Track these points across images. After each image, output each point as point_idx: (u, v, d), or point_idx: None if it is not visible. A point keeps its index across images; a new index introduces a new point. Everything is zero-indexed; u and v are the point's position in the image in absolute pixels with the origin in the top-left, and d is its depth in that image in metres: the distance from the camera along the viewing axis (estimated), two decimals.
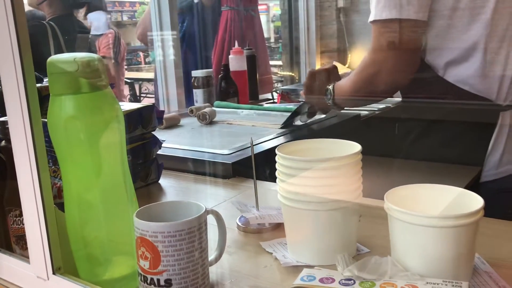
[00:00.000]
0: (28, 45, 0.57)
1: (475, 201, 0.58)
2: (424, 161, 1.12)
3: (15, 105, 0.58)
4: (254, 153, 0.84)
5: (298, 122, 1.39)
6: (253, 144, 0.86)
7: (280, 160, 0.67)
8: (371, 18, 0.98)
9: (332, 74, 1.20)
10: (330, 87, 1.15)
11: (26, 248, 0.67)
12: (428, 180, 0.64)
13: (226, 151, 1.14)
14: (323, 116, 1.39)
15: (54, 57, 0.57)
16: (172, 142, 1.24)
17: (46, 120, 0.59)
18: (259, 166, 0.84)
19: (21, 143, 0.59)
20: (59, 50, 2.03)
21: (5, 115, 0.79)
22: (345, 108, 1.21)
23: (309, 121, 1.39)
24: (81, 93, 0.57)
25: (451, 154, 1.09)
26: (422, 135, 1.13)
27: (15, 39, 0.56)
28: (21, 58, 0.56)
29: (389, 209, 0.58)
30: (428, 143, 1.12)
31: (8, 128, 0.65)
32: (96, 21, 2.19)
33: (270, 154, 1.14)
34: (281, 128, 1.37)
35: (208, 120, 1.51)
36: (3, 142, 0.70)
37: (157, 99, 2.17)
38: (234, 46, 1.98)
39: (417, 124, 1.11)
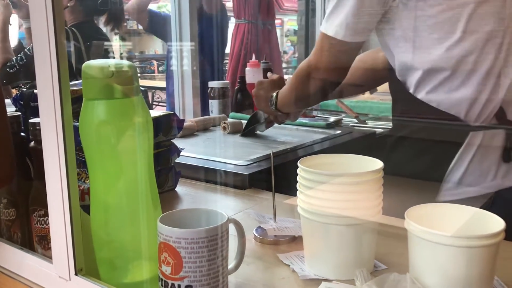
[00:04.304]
0: (65, 50, 0.58)
1: (496, 222, 0.59)
2: (433, 181, 1.11)
3: (49, 108, 0.60)
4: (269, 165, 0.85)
5: (258, 131, 1.51)
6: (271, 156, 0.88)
7: (302, 173, 0.67)
8: (321, 28, 1.04)
9: (278, 83, 1.30)
10: (274, 94, 1.26)
11: (48, 248, 0.68)
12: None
13: (242, 162, 1.15)
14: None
15: (90, 63, 0.59)
16: (188, 151, 1.25)
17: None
18: (275, 178, 0.85)
19: (52, 145, 0.60)
20: (79, 56, 2.06)
21: (29, 116, 0.81)
22: (286, 112, 1.30)
23: (266, 130, 1.49)
24: (114, 99, 0.58)
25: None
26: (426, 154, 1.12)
27: (53, 43, 0.57)
28: (58, 62, 0.58)
29: (410, 227, 0.59)
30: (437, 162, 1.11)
31: (38, 129, 0.67)
32: None
33: (286, 167, 1.16)
34: (241, 136, 1.48)
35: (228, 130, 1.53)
36: (32, 143, 0.71)
37: (172, 108, 2.19)
38: (251, 58, 2.00)
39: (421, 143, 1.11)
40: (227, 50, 2.99)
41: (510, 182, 0.94)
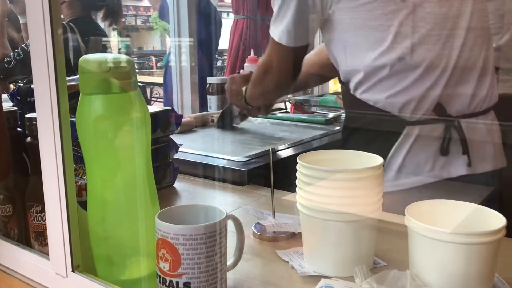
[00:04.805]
0: (62, 44, 0.58)
1: (497, 219, 0.58)
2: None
3: (45, 103, 0.59)
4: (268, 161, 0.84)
5: (234, 124, 1.55)
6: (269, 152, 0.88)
7: (301, 168, 0.67)
8: (270, 31, 1.08)
9: (249, 79, 1.33)
10: (244, 88, 1.32)
11: (45, 245, 0.67)
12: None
13: (241, 158, 1.15)
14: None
15: (87, 57, 0.58)
16: (186, 147, 1.25)
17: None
18: (274, 174, 0.85)
19: (48, 140, 0.60)
20: (77, 51, 2.05)
21: (26, 111, 0.80)
22: (256, 105, 1.34)
23: (241, 123, 1.54)
24: (111, 93, 0.58)
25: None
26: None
27: (49, 38, 0.57)
28: (54, 57, 0.57)
29: (410, 224, 0.58)
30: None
31: (34, 124, 0.66)
32: None
33: (285, 163, 1.15)
34: (216, 128, 1.53)
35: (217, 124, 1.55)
36: (28, 138, 0.71)
37: (169, 104, 2.18)
38: (249, 54, 1.99)
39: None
40: (226, 46, 2.98)
41: (448, 174, 0.97)
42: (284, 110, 2.20)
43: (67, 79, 0.61)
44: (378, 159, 0.67)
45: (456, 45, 0.97)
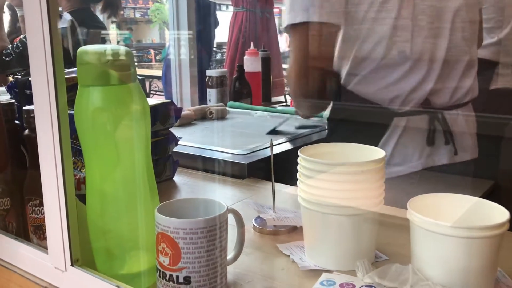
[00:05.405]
0: (59, 36, 0.57)
1: (500, 213, 0.57)
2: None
3: (43, 95, 0.58)
4: (269, 154, 0.84)
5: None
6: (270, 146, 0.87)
7: (302, 162, 0.66)
8: (287, 22, 0.99)
9: None
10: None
11: (44, 238, 0.67)
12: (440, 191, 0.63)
13: (241, 152, 1.14)
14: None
15: (85, 48, 0.57)
16: (185, 140, 1.24)
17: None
18: (275, 168, 0.84)
19: (46, 133, 0.59)
20: (76, 43, 2.03)
21: (24, 103, 0.79)
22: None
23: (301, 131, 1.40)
24: (109, 85, 0.57)
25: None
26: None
27: (47, 31, 0.56)
28: (52, 48, 0.56)
29: (413, 218, 0.58)
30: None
31: (32, 117, 0.65)
32: None
33: (286, 156, 1.15)
34: (268, 134, 1.38)
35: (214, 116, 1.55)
36: (26, 131, 0.70)
37: (169, 97, 2.17)
38: (249, 47, 1.98)
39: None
40: (225, 39, 2.96)
41: (433, 162, 0.99)
42: (285, 104, 2.20)
43: (66, 71, 0.61)
44: (380, 152, 0.66)
45: (446, 39, 0.97)
